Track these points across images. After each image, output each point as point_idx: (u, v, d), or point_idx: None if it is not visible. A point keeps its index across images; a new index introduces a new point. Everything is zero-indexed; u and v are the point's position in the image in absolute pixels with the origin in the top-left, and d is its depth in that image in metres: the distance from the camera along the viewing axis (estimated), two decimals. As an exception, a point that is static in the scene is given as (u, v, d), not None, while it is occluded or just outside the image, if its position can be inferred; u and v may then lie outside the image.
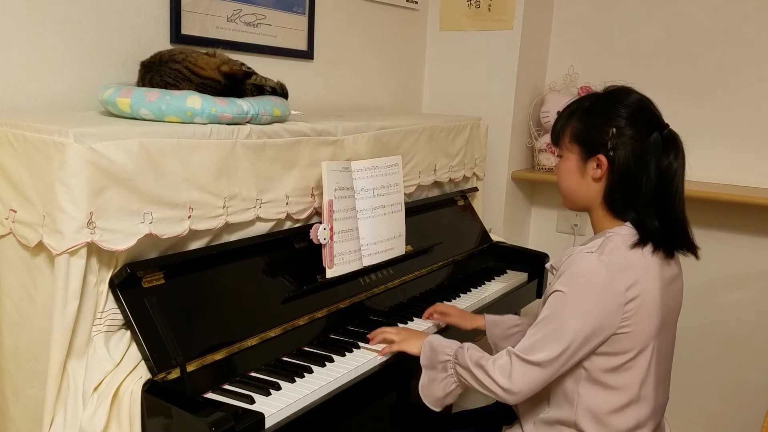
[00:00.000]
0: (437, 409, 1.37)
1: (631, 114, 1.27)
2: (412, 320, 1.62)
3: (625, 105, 1.28)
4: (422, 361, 1.37)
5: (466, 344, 1.32)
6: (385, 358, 1.43)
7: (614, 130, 1.25)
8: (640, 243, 1.25)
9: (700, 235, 2.41)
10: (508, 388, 1.22)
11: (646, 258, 1.24)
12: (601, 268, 1.21)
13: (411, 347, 1.40)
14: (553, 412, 1.31)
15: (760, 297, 2.35)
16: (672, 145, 1.26)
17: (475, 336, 1.75)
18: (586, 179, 1.30)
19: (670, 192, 1.26)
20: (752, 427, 2.38)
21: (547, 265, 1.35)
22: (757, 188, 2.30)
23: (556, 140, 1.37)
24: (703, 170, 2.38)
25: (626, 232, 1.27)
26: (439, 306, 1.65)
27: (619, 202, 1.27)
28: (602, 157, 1.27)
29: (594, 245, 1.25)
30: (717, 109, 2.36)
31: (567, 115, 1.34)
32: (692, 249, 1.31)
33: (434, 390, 1.35)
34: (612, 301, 1.20)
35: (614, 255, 1.22)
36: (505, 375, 1.22)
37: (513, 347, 1.25)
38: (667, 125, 1.29)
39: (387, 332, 1.45)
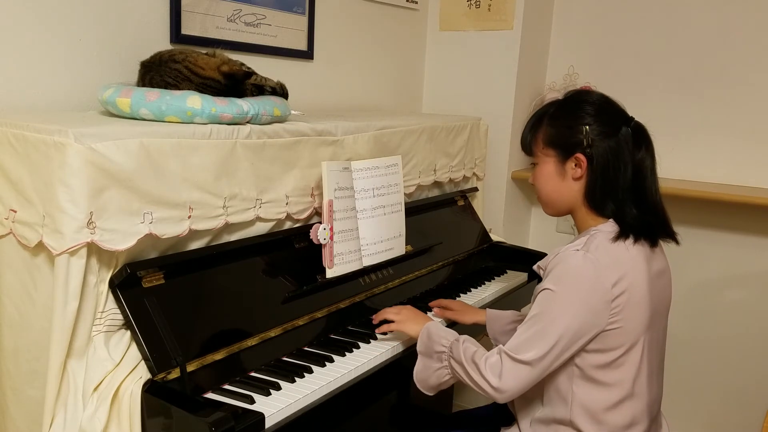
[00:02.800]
0: (430, 394, 1.39)
1: (598, 111, 1.31)
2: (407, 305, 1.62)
3: (590, 103, 1.32)
4: (418, 347, 1.38)
5: (463, 337, 1.33)
6: (385, 359, 1.43)
7: (587, 128, 1.29)
8: (622, 235, 1.27)
9: (700, 235, 2.42)
10: (497, 387, 1.22)
11: (631, 252, 1.26)
12: (587, 266, 1.22)
13: (409, 329, 1.44)
14: (549, 411, 1.31)
15: (760, 297, 2.35)
16: (641, 137, 1.30)
17: (478, 336, 1.75)
18: (567, 180, 1.32)
19: (645, 182, 1.29)
20: (752, 427, 2.38)
21: (535, 267, 1.36)
22: (757, 188, 2.30)
23: (528, 149, 1.40)
24: (703, 170, 2.39)
25: (609, 228, 1.28)
26: (442, 301, 1.70)
27: (599, 196, 1.30)
28: (580, 156, 1.29)
29: (579, 243, 1.27)
30: (717, 109, 2.36)
31: (534, 123, 1.38)
32: (672, 235, 1.34)
33: (427, 377, 1.37)
34: (599, 297, 1.21)
35: (599, 251, 1.24)
36: (496, 374, 1.23)
37: (504, 345, 1.26)
38: (632, 118, 1.32)
39: (388, 312, 1.49)
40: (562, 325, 1.21)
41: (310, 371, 1.31)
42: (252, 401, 1.17)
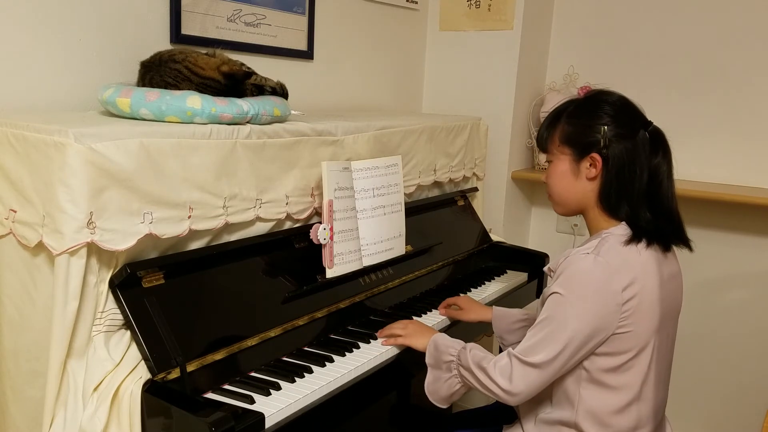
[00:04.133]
0: (443, 406, 1.39)
1: (617, 112, 1.30)
2: (412, 319, 1.62)
3: (610, 103, 1.31)
4: (427, 360, 1.39)
5: (470, 344, 1.34)
6: (385, 359, 1.43)
7: (605, 128, 1.27)
8: (635, 239, 1.26)
9: (700, 235, 2.41)
10: (508, 390, 1.22)
11: (642, 255, 1.25)
12: (597, 269, 1.21)
13: (416, 342, 1.43)
14: (554, 413, 1.31)
15: (760, 297, 2.35)
16: (659, 142, 1.29)
17: (478, 335, 1.76)
18: (581, 179, 1.31)
19: (660, 188, 1.29)
20: (752, 427, 2.38)
21: (545, 268, 1.36)
22: (757, 188, 2.30)
23: (543, 146, 1.39)
24: (704, 170, 2.39)
25: (622, 231, 1.28)
26: (449, 300, 1.71)
27: (614, 198, 1.29)
28: (596, 156, 1.28)
29: (590, 246, 1.26)
30: (717, 109, 2.36)
31: (552, 120, 1.37)
32: (686, 242, 1.33)
33: (439, 389, 1.37)
34: (609, 301, 1.20)
35: (610, 255, 1.23)
36: (506, 377, 1.23)
37: (514, 348, 1.26)
38: (651, 122, 1.31)
39: (394, 327, 1.49)
40: (571, 328, 1.20)
41: (310, 371, 1.31)
42: (252, 401, 1.17)
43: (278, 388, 1.22)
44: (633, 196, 1.27)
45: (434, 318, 1.66)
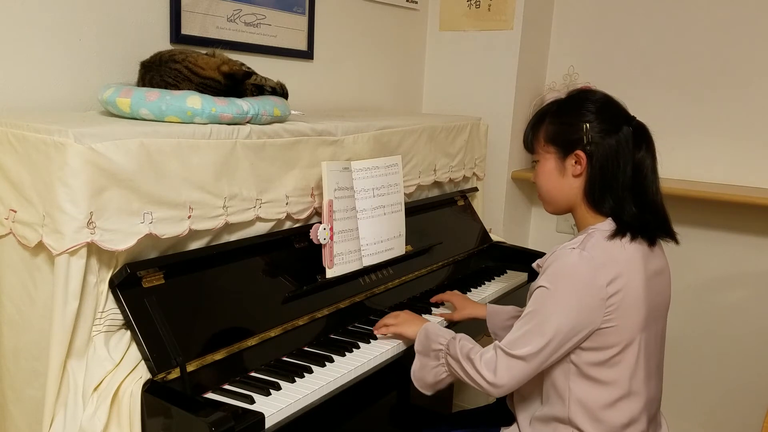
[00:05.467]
0: (428, 393, 1.40)
1: (599, 109, 1.31)
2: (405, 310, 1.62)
3: (592, 101, 1.33)
4: (416, 347, 1.40)
5: (459, 335, 1.35)
6: (385, 359, 1.43)
7: (587, 125, 1.29)
8: (619, 233, 1.27)
9: (700, 235, 2.41)
10: (492, 382, 1.24)
11: (627, 250, 1.26)
12: (582, 264, 1.22)
13: (407, 330, 1.45)
14: (548, 409, 1.32)
15: (759, 297, 2.35)
16: (642, 137, 1.31)
17: (479, 335, 1.76)
18: (567, 177, 1.33)
19: (645, 182, 1.30)
20: (752, 427, 2.38)
21: (534, 264, 1.37)
22: (757, 188, 2.30)
23: (530, 147, 1.41)
24: (703, 170, 2.38)
25: (607, 227, 1.29)
26: (442, 296, 1.73)
27: (598, 193, 1.30)
28: (580, 153, 1.30)
29: (576, 241, 1.28)
30: (717, 109, 2.36)
31: (536, 120, 1.39)
32: (671, 234, 1.34)
33: (425, 376, 1.38)
34: (594, 296, 1.21)
35: (596, 250, 1.24)
36: (491, 369, 1.24)
37: (500, 341, 1.27)
38: (633, 117, 1.33)
39: (386, 318, 1.51)
40: (556, 322, 1.22)
41: (310, 371, 1.31)
42: (252, 401, 1.17)
43: (278, 388, 1.22)
44: (617, 190, 1.29)
45: (433, 318, 1.66)
